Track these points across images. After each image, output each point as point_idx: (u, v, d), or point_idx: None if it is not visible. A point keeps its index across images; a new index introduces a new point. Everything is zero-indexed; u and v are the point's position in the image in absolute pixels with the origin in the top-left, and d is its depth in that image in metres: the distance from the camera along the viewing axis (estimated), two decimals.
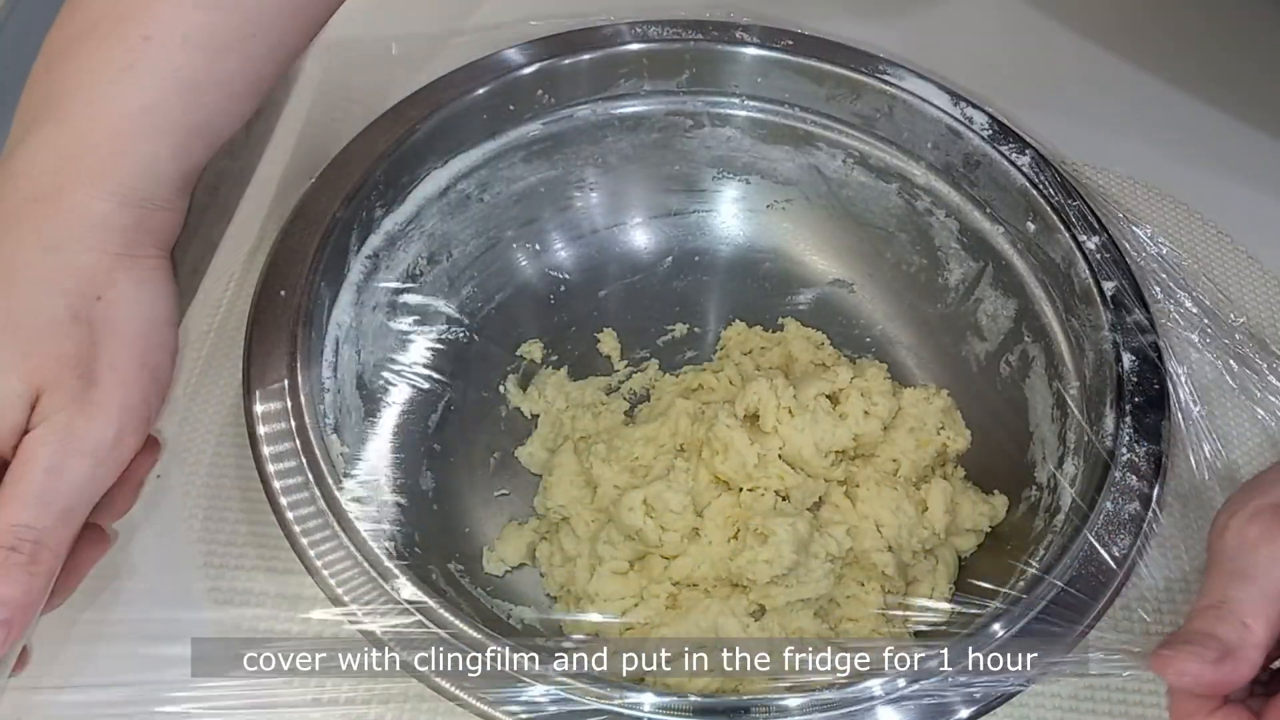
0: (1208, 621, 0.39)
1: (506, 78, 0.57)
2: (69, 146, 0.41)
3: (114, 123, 0.42)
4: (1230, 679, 0.38)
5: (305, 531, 0.43)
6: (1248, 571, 0.40)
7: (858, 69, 0.59)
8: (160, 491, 0.50)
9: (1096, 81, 0.72)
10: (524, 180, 0.61)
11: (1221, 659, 0.38)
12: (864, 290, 0.63)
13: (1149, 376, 0.49)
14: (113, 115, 0.42)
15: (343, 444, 0.48)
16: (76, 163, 0.41)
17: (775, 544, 0.47)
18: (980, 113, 0.58)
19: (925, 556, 0.52)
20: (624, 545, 0.50)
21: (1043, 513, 0.50)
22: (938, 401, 0.55)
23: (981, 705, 0.41)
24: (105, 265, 0.42)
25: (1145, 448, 0.47)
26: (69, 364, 0.40)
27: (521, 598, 0.52)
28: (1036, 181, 0.55)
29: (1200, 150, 0.68)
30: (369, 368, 0.53)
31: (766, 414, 0.51)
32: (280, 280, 0.49)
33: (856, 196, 0.62)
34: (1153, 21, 0.77)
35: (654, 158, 0.63)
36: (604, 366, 0.61)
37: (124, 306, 0.42)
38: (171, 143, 0.44)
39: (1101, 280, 0.52)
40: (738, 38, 0.60)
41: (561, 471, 0.54)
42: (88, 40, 0.43)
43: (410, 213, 0.56)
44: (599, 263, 0.63)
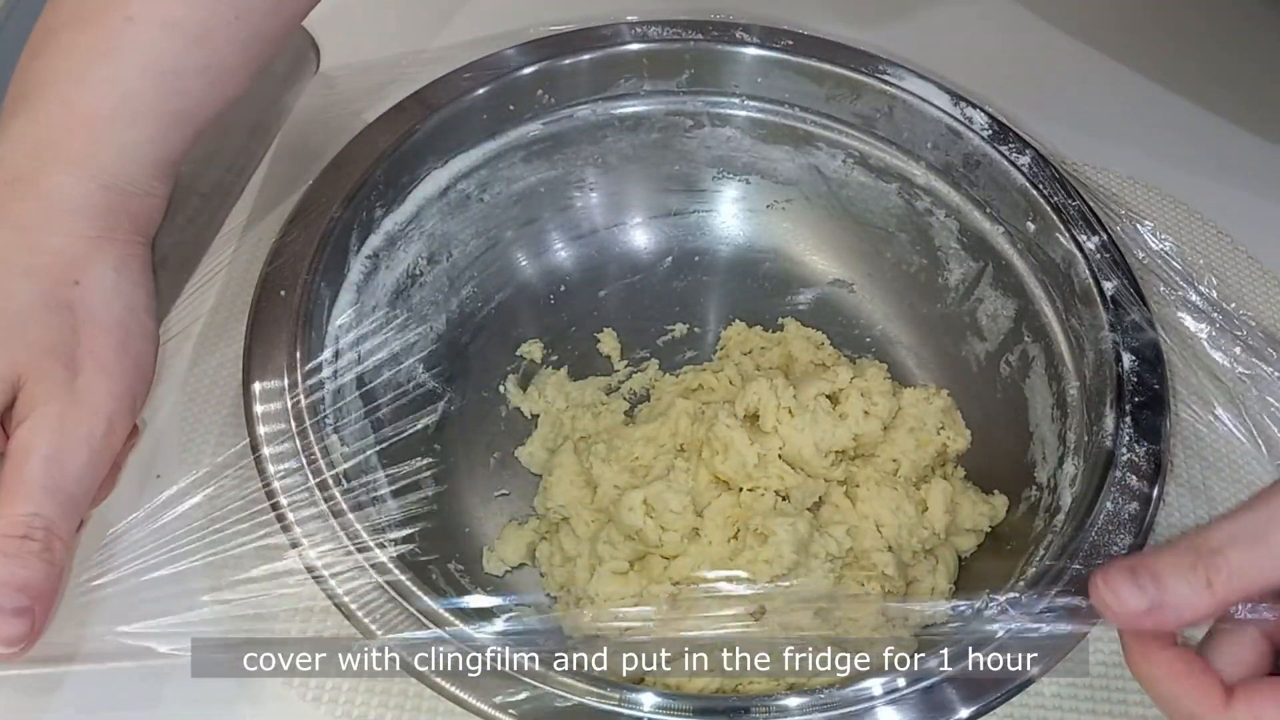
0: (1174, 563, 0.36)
1: (506, 78, 0.57)
2: (47, 133, 0.41)
3: (92, 109, 0.42)
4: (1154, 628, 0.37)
5: (306, 532, 0.43)
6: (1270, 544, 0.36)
7: (858, 69, 0.59)
8: (160, 491, 0.49)
9: (1096, 82, 0.72)
10: (524, 180, 0.61)
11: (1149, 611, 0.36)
12: (864, 290, 0.63)
13: (1149, 376, 0.49)
14: (91, 101, 0.42)
15: (343, 444, 0.48)
16: (54, 148, 0.41)
17: (775, 544, 0.47)
18: (980, 113, 0.58)
19: (925, 556, 0.52)
20: (624, 545, 0.50)
21: (1043, 513, 0.50)
22: (938, 401, 0.55)
23: (981, 705, 0.41)
24: (81, 249, 0.41)
25: (1145, 448, 0.47)
26: (51, 352, 0.39)
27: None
28: (1036, 181, 0.55)
29: (1200, 150, 0.68)
30: (369, 368, 0.53)
31: (766, 414, 0.51)
32: (280, 280, 0.49)
33: (856, 196, 0.62)
34: (1152, 22, 0.77)
35: (654, 158, 0.63)
36: (604, 366, 0.61)
37: (101, 292, 0.42)
38: (150, 129, 0.43)
39: (1101, 280, 0.52)
40: (738, 38, 0.60)
41: (561, 471, 0.54)
42: (70, 27, 0.43)
43: (410, 213, 0.56)
44: (599, 263, 0.63)
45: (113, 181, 0.42)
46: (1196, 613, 0.36)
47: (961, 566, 0.53)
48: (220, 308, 0.55)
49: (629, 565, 0.50)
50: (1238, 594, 0.37)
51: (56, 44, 0.42)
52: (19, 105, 0.42)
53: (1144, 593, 0.36)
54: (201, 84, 0.45)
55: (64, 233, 0.41)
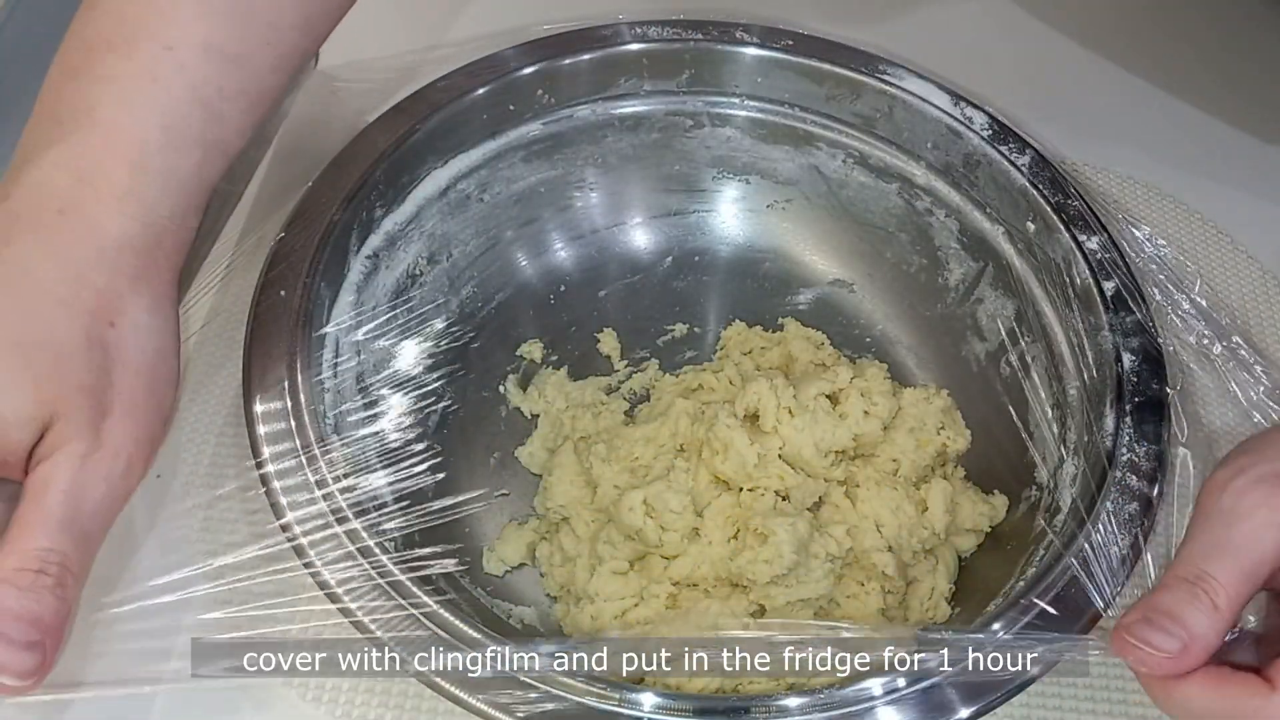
0: (1179, 598, 0.38)
1: (506, 78, 0.57)
2: (92, 162, 0.41)
3: (138, 139, 0.42)
4: (1192, 665, 0.37)
5: (305, 531, 0.43)
6: (1233, 542, 0.38)
7: (858, 69, 0.59)
8: (160, 491, 0.49)
9: (1096, 82, 0.72)
10: (524, 180, 0.61)
11: (1186, 650, 0.37)
12: (864, 290, 0.63)
13: (1149, 377, 0.49)
14: (136, 132, 0.42)
15: (343, 444, 0.48)
16: (100, 179, 0.41)
17: (775, 544, 0.47)
18: (980, 113, 0.58)
19: (925, 556, 0.52)
20: (624, 545, 0.50)
21: (1043, 513, 0.50)
22: (938, 401, 0.55)
23: (981, 705, 0.41)
24: (121, 289, 0.42)
25: (1145, 448, 0.47)
26: (85, 393, 0.40)
27: (521, 598, 0.52)
28: (1036, 181, 0.55)
29: (1200, 150, 0.68)
30: (369, 368, 0.53)
31: (766, 414, 0.51)
32: (280, 280, 0.49)
33: (856, 196, 0.62)
34: (1152, 23, 0.77)
35: (654, 158, 0.63)
36: (604, 366, 0.61)
37: (135, 335, 0.42)
38: (194, 159, 0.43)
39: (1101, 280, 0.52)
40: (738, 38, 0.60)
41: (561, 471, 0.54)
42: (109, 51, 0.42)
43: (410, 213, 0.56)
44: (599, 263, 0.63)
45: (155, 217, 0.42)
46: (1218, 636, 0.38)
47: (961, 566, 0.53)
48: (221, 309, 0.55)
49: (629, 565, 0.50)
50: (1239, 602, 0.38)
51: (96, 68, 0.42)
52: (58, 129, 0.42)
53: (1173, 636, 0.37)
54: (238, 109, 0.45)
55: (108, 270, 0.41)
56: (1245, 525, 0.39)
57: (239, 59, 0.44)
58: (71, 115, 0.41)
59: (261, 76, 0.46)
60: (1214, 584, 0.38)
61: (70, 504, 0.39)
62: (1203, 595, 0.38)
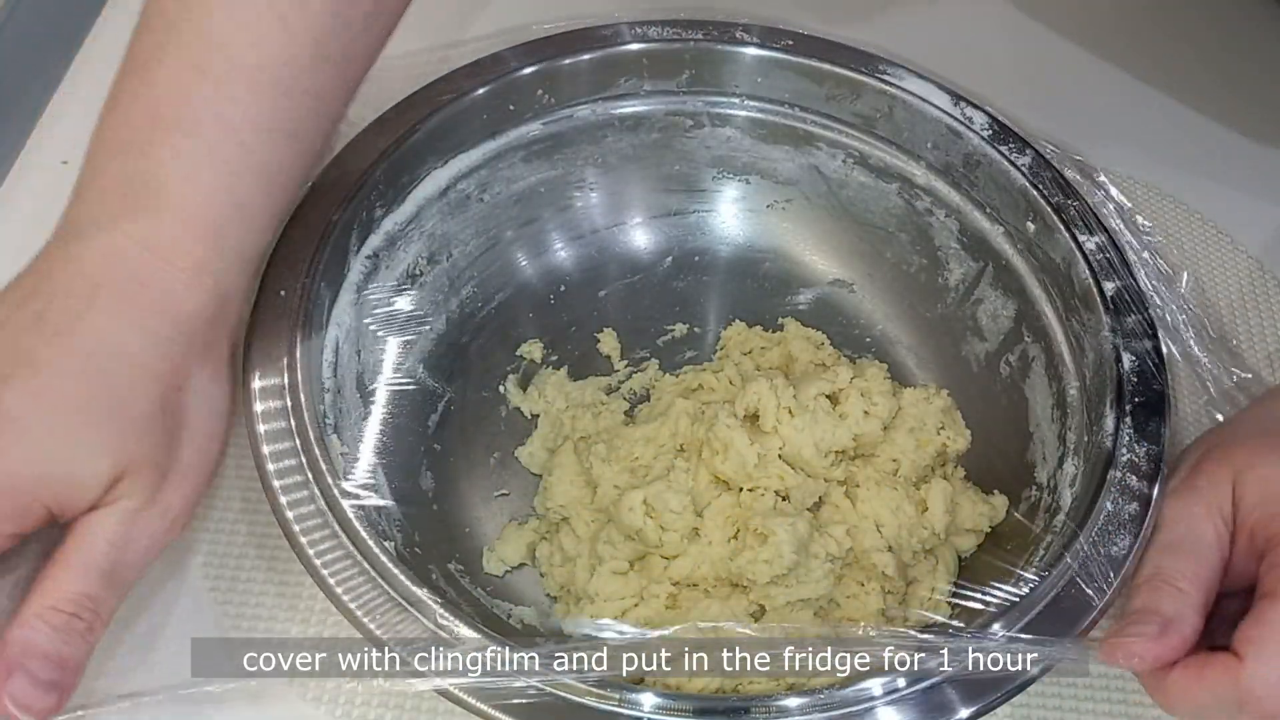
0: (1145, 595, 0.42)
1: (506, 78, 0.57)
2: (169, 239, 0.42)
3: (212, 219, 0.43)
4: (1178, 646, 0.41)
5: (305, 531, 0.43)
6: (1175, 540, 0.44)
7: (858, 69, 0.59)
8: None
9: (1096, 82, 0.72)
10: (524, 180, 0.61)
11: (1164, 631, 0.41)
12: (864, 290, 0.63)
13: (1149, 377, 0.49)
14: (210, 211, 0.43)
15: (343, 444, 0.48)
16: (177, 255, 0.42)
17: (775, 544, 0.47)
18: (980, 113, 0.58)
19: (925, 556, 0.52)
20: (624, 545, 0.50)
21: (1043, 513, 0.50)
22: (938, 401, 0.55)
23: (981, 705, 0.41)
24: (193, 357, 0.43)
25: (1145, 448, 0.47)
26: (152, 457, 0.41)
27: (521, 598, 0.52)
28: (1036, 181, 0.55)
29: (1200, 150, 0.68)
30: (369, 368, 0.53)
31: (766, 414, 0.51)
32: (280, 280, 0.49)
33: (856, 196, 0.62)
34: (1152, 23, 0.77)
35: (654, 158, 0.63)
36: (604, 366, 0.61)
37: (198, 401, 0.44)
38: (257, 235, 0.45)
39: (1102, 280, 0.52)
40: (738, 38, 0.60)
41: (561, 471, 0.54)
42: (175, 129, 0.43)
43: (410, 213, 0.56)
44: (599, 263, 0.63)
45: (223, 290, 0.44)
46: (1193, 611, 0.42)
47: (961, 566, 0.53)
48: None
49: (629, 565, 0.50)
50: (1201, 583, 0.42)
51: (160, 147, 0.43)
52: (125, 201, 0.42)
53: (1148, 623, 0.41)
54: (295, 181, 0.47)
55: (183, 341, 0.42)
56: (1181, 526, 0.44)
57: (294, 135, 0.45)
58: (142, 190, 0.42)
59: (315, 147, 0.48)
60: (1170, 573, 0.43)
61: (114, 555, 0.40)
62: (1163, 584, 0.42)
